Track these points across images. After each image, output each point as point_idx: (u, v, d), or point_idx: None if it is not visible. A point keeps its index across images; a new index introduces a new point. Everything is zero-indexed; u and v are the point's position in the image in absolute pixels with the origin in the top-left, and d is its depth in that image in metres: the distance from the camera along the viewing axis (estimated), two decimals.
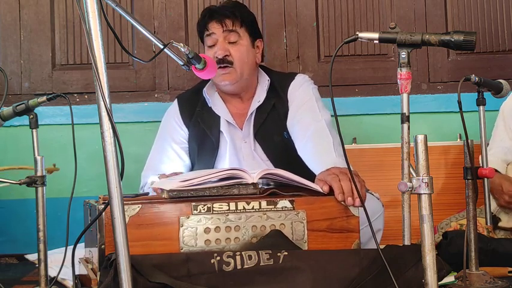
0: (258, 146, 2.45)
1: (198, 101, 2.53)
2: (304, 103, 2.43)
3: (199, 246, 1.74)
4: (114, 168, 1.32)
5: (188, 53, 1.98)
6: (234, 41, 2.43)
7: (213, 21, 2.44)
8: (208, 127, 2.48)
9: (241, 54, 2.43)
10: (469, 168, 1.86)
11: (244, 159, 2.44)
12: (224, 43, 2.42)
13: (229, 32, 2.43)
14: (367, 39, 1.71)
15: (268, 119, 2.45)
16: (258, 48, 2.53)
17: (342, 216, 1.83)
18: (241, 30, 2.45)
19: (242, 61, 2.43)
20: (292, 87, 2.49)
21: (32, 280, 2.23)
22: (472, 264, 1.88)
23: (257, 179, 1.84)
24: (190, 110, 2.53)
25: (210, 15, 2.46)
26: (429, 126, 3.05)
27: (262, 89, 2.49)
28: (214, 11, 2.47)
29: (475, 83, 1.93)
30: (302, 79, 2.53)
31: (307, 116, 2.38)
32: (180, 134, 2.54)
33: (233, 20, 2.44)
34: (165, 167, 2.48)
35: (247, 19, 2.49)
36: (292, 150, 2.38)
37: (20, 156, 2.96)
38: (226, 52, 2.41)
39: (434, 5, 3.17)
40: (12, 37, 3.13)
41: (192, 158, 2.53)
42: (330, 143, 2.21)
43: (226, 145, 2.46)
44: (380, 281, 1.64)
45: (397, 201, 2.01)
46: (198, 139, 2.50)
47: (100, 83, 1.33)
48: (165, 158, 2.52)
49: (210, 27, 2.45)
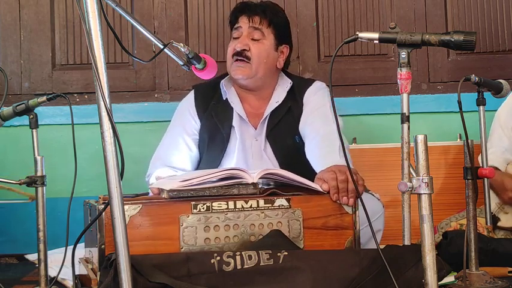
0: (268, 146, 2.46)
1: (215, 94, 2.55)
2: (318, 108, 2.45)
3: (199, 245, 1.74)
4: (114, 168, 1.32)
5: (188, 53, 1.98)
6: (257, 39, 2.45)
7: (243, 15, 2.49)
8: (220, 121, 2.49)
9: (260, 52, 2.44)
10: (469, 168, 1.86)
11: (252, 157, 2.45)
12: (247, 38, 2.45)
13: (254, 29, 2.46)
14: (367, 39, 1.72)
15: (282, 121, 2.46)
16: (282, 53, 2.53)
17: (336, 214, 1.86)
18: (267, 30, 2.47)
19: (260, 60, 2.44)
20: (308, 92, 2.50)
21: (32, 280, 2.23)
22: (472, 264, 1.88)
23: (257, 179, 1.85)
24: (205, 102, 2.54)
25: (242, 9, 2.50)
26: (429, 126, 3.05)
27: (282, 89, 2.51)
28: (246, 6, 2.52)
29: (475, 83, 1.93)
30: (320, 86, 2.55)
31: (319, 120, 2.40)
32: (193, 125, 2.54)
33: (261, 18, 2.47)
34: (173, 158, 2.49)
35: (277, 21, 2.51)
36: (301, 154, 2.38)
37: (20, 156, 2.96)
38: (245, 46, 2.43)
39: (434, 5, 3.16)
40: (12, 37, 3.13)
41: (201, 151, 2.53)
42: (336, 146, 2.22)
43: (236, 141, 2.46)
44: (380, 281, 1.64)
45: (397, 201, 2.01)
46: (210, 132, 2.50)
47: (100, 83, 1.33)
48: (174, 148, 2.52)
49: (239, 20, 2.49)
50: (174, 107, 2.67)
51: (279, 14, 2.55)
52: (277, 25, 2.50)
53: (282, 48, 2.53)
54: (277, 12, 2.55)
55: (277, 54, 2.51)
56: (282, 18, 2.56)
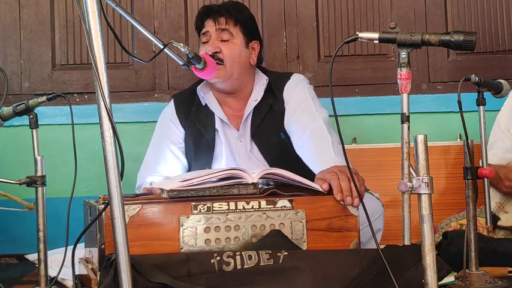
0: (254, 146, 2.44)
1: (194, 101, 2.53)
2: (301, 102, 2.43)
3: (199, 246, 1.74)
4: (114, 168, 1.32)
5: (188, 53, 1.98)
6: (226, 39, 2.43)
7: (208, 19, 2.47)
8: (203, 126, 2.48)
9: (232, 52, 2.42)
10: (469, 168, 1.86)
11: (240, 159, 2.44)
12: (216, 41, 2.42)
13: (222, 31, 2.44)
14: (367, 39, 1.71)
15: (265, 119, 2.45)
16: (254, 50, 2.51)
17: (340, 216, 1.83)
18: (234, 29, 2.45)
19: (233, 60, 2.42)
20: (287, 87, 2.48)
21: (32, 280, 2.23)
22: (472, 264, 1.88)
23: (257, 179, 1.84)
24: (186, 110, 2.53)
25: (206, 13, 2.48)
26: (429, 126, 3.05)
27: (260, 88, 2.49)
28: (210, 9, 2.49)
29: (475, 83, 1.93)
30: (298, 79, 2.53)
31: (305, 115, 2.39)
32: (177, 134, 2.53)
33: (227, 18, 2.44)
34: (161, 168, 2.49)
35: (243, 19, 2.48)
36: (288, 150, 2.37)
37: (20, 156, 2.96)
38: (216, 49, 2.40)
39: (434, 5, 3.16)
40: (12, 37, 3.13)
41: (188, 159, 2.53)
42: (329, 142, 2.22)
43: (222, 145, 2.46)
44: (380, 281, 1.64)
45: (397, 201, 2.01)
46: (194, 139, 2.49)
47: (100, 83, 1.33)
48: (161, 159, 2.51)
49: (205, 24, 2.47)
50: None
51: (243, 11, 2.53)
52: (243, 22, 2.48)
53: (253, 45, 2.50)
54: (241, 10, 2.52)
55: (248, 51, 2.49)
56: (247, 15, 2.53)
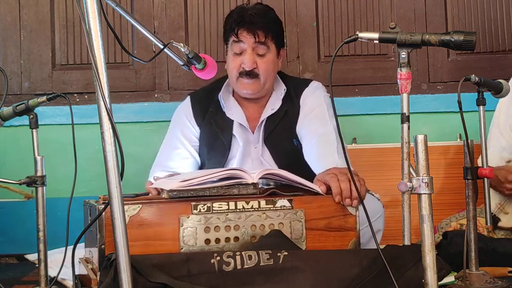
0: (266, 151, 2.44)
1: (212, 102, 2.52)
2: (315, 108, 2.43)
3: (199, 246, 1.74)
4: (114, 168, 1.32)
5: (188, 53, 1.98)
6: (262, 54, 2.41)
7: (244, 29, 2.39)
8: (220, 129, 2.47)
9: (267, 66, 2.41)
10: (469, 168, 1.86)
11: (253, 163, 2.44)
12: (253, 55, 2.39)
13: (259, 44, 2.40)
14: (367, 39, 1.72)
15: (279, 125, 2.45)
16: (281, 56, 2.52)
17: (339, 215, 1.84)
18: (271, 43, 2.42)
19: (267, 73, 2.42)
20: (305, 94, 2.49)
21: (32, 280, 2.23)
22: (472, 264, 1.87)
23: (257, 179, 1.84)
24: (203, 110, 2.52)
25: (241, 23, 2.39)
26: (429, 126, 3.05)
27: (277, 97, 2.48)
28: (246, 19, 2.39)
29: (475, 83, 1.93)
30: (316, 86, 2.53)
31: (316, 121, 2.38)
32: (192, 132, 2.53)
33: (266, 33, 2.39)
34: (174, 164, 2.48)
35: (278, 32, 2.46)
36: (300, 157, 2.38)
37: (20, 156, 2.96)
38: (254, 65, 2.39)
39: (434, 5, 3.16)
40: (12, 37, 3.13)
41: (202, 158, 2.52)
42: (334, 146, 2.21)
43: (238, 148, 2.45)
44: (380, 281, 1.64)
45: (397, 201, 2.01)
46: (210, 140, 2.49)
47: (100, 83, 1.33)
48: (174, 155, 2.51)
49: (240, 34, 2.39)
50: (174, 107, 2.66)
51: (276, 22, 2.48)
52: (278, 35, 2.47)
53: (281, 52, 2.52)
54: (274, 20, 2.47)
55: (278, 60, 2.50)
56: (279, 24, 2.49)
